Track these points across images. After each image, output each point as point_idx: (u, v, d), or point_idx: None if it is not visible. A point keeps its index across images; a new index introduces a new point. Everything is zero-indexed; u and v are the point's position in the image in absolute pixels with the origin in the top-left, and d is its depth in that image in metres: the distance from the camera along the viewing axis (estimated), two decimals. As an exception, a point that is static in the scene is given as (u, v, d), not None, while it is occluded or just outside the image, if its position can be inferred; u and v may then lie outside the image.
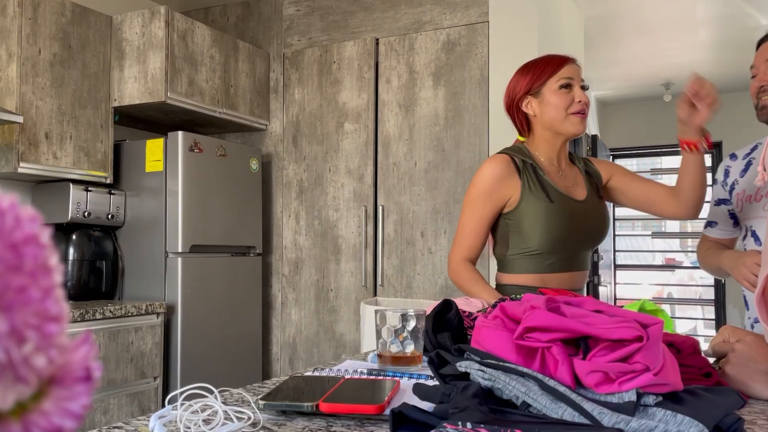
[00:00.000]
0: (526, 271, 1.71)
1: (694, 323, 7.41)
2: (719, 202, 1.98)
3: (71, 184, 3.01)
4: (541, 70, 1.72)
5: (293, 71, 3.77)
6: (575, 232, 1.71)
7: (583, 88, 1.73)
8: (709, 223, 2.01)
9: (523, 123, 1.79)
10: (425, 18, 3.44)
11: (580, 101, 1.70)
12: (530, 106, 1.74)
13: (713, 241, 2.00)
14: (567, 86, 1.70)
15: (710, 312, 6.81)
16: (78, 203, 3.02)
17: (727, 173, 1.96)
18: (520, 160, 1.73)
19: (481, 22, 3.29)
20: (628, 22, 4.56)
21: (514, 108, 1.78)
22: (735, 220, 1.96)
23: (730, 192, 1.95)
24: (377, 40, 3.56)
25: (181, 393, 0.83)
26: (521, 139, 1.84)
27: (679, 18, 4.47)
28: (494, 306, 1.20)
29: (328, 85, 3.66)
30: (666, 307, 7.22)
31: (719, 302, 6.43)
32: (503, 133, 3.08)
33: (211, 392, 0.86)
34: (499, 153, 1.76)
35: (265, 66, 3.81)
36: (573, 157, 1.84)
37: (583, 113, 1.71)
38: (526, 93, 1.74)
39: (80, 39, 3.08)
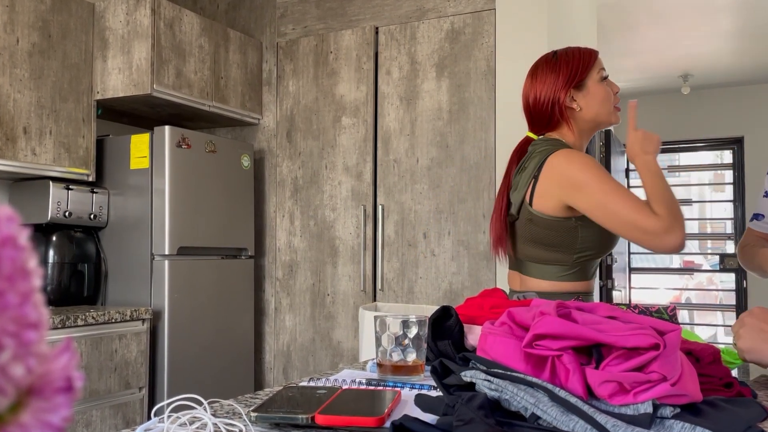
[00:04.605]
0: (584, 277, 1.73)
1: (714, 330, 7.42)
2: None
3: (51, 182, 3.01)
4: (580, 60, 1.76)
5: (287, 62, 3.77)
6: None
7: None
8: (756, 216, 1.95)
9: (558, 117, 1.78)
10: (428, 5, 3.44)
11: (616, 92, 1.78)
12: (574, 99, 1.76)
13: (758, 236, 1.94)
14: (605, 78, 1.78)
15: (731, 318, 6.81)
16: (58, 202, 3.02)
17: None
18: None
19: (487, 9, 3.29)
20: (643, 10, 4.56)
21: (555, 106, 1.77)
22: None
23: None
24: (377, 28, 3.56)
25: (168, 404, 0.83)
26: (533, 136, 1.84)
27: (698, 5, 4.47)
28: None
29: (324, 76, 3.66)
30: (684, 313, 7.22)
31: (741, 308, 6.43)
32: (510, 127, 3.09)
33: (200, 404, 0.86)
34: (571, 149, 1.74)
35: (257, 56, 3.81)
36: None
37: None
38: (569, 87, 1.75)
39: (61, 28, 3.08)
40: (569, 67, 1.75)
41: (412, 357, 1.13)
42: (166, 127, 3.15)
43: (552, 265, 1.72)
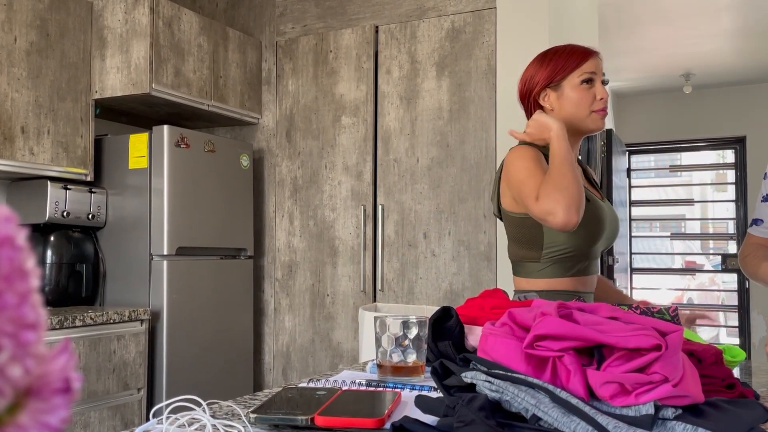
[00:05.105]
0: (560, 275, 1.72)
1: (716, 331, 7.42)
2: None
3: (49, 182, 3.01)
4: (564, 62, 1.73)
5: (287, 61, 3.77)
6: (604, 232, 1.76)
7: (604, 83, 1.76)
8: (755, 221, 1.95)
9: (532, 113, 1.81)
10: (428, 4, 3.44)
11: (602, 98, 1.72)
12: (548, 99, 1.75)
13: (758, 242, 1.94)
14: (589, 81, 1.72)
15: (733, 319, 6.81)
16: (56, 202, 3.02)
17: None
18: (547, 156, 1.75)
19: (488, 8, 3.29)
20: (645, 9, 4.56)
21: (529, 99, 1.80)
22: None
23: None
24: (377, 27, 3.56)
25: (167, 406, 0.83)
26: None
27: (700, 4, 4.47)
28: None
29: (324, 75, 3.66)
30: (686, 314, 7.23)
31: (743, 308, 6.44)
32: (512, 126, 3.08)
33: (199, 405, 0.86)
34: (524, 145, 1.74)
35: (256, 55, 3.81)
36: None
37: (604, 110, 1.74)
38: (545, 85, 1.75)
39: (59, 26, 3.08)
40: (550, 66, 1.75)
41: (412, 358, 1.13)
42: (165, 127, 3.15)
43: (527, 262, 1.76)
